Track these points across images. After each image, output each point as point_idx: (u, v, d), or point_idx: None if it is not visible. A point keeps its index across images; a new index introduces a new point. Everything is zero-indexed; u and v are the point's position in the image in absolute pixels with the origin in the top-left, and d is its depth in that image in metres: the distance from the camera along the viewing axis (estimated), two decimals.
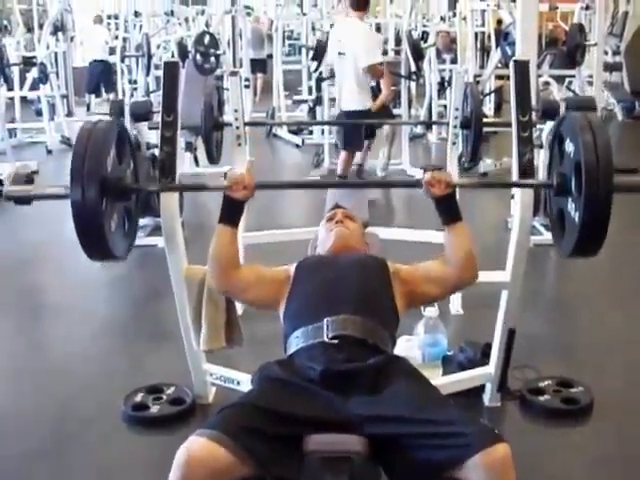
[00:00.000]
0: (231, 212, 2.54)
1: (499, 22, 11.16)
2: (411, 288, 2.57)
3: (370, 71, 6.69)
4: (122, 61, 11.87)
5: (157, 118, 3.04)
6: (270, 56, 13.01)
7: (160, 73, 3.23)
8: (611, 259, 5.29)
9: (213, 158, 4.44)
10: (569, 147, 2.38)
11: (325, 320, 2.31)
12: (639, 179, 2.41)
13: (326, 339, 2.28)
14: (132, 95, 11.45)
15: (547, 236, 5.58)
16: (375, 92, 7.97)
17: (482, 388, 3.37)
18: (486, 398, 3.35)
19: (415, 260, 2.69)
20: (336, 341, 2.27)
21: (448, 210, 2.52)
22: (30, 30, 12.20)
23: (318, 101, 9.24)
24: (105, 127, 2.41)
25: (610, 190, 2.23)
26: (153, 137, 5.65)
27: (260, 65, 14.12)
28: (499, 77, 11.14)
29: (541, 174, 5.57)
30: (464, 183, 2.59)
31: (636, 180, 2.40)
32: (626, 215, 5.75)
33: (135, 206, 2.64)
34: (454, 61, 10.90)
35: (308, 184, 2.79)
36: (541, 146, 5.57)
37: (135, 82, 11.93)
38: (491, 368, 3.29)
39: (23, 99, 11.07)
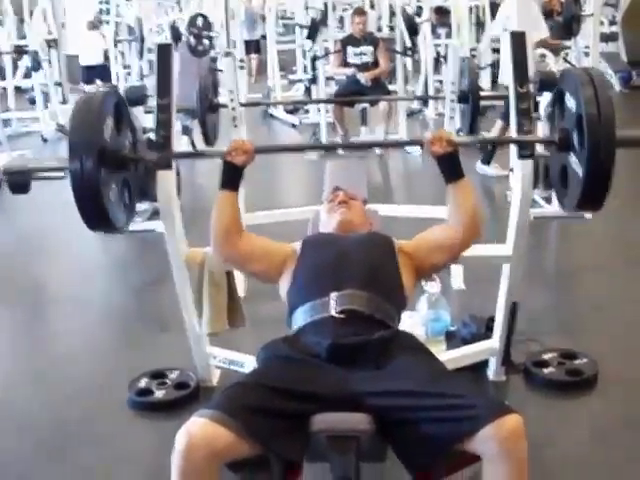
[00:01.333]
0: (231, 177, 2.56)
1: None
2: (417, 261, 2.56)
3: (541, 44, 6.57)
4: (115, 46, 11.80)
5: (152, 102, 3.02)
6: (264, 36, 12.94)
7: (153, 57, 3.21)
8: (612, 231, 5.30)
9: (209, 140, 4.42)
10: (570, 102, 2.37)
11: (332, 295, 2.31)
12: None
13: (333, 313, 2.27)
14: (126, 80, 11.40)
15: (547, 209, 5.59)
16: (368, 66, 7.97)
17: (486, 362, 3.37)
18: (490, 372, 3.35)
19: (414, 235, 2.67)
20: (343, 315, 2.26)
21: (451, 168, 2.52)
22: (21, 20, 12.11)
23: (314, 80, 9.19)
24: (102, 97, 2.40)
25: (613, 141, 2.23)
26: (149, 121, 5.62)
27: (254, 46, 14.06)
28: (495, 50, 11.09)
29: (539, 147, 5.57)
30: (465, 141, 2.61)
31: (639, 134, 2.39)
32: (626, 188, 5.75)
33: (134, 177, 2.63)
34: (449, 36, 10.84)
35: (309, 146, 2.79)
36: (539, 118, 5.54)
37: (128, 67, 11.86)
38: (495, 342, 3.29)
39: (17, 88, 11.01)
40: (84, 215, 2.36)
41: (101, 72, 12.32)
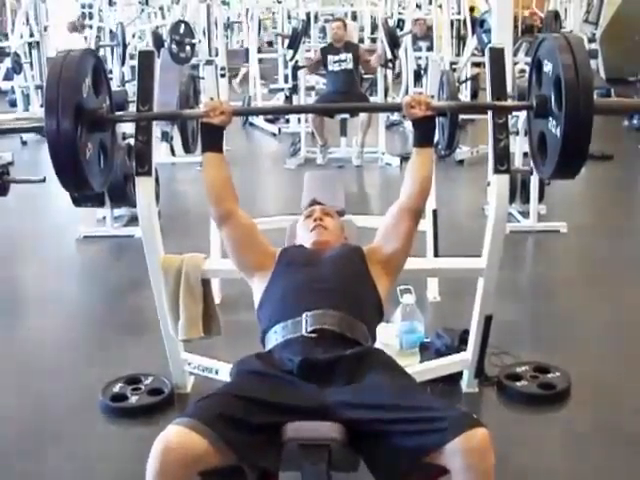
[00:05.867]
0: (211, 138, 2.58)
1: (472, 9, 11.16)
2: (383, 259, 2.60)
3: None
4: (97, 51, 11.75)
5: (133, 108, 3.03)
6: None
7: (135, 62, 3.22)
8: (586, 246, 5.35)
9: (189, 147, 4.41)
10: (548, 67, 2.38)
11: (304, 315, 2.33)
12: (618, 100, 2.42)
13: (305, 333, 2.29)
14: None
15: (524, 223, 5.64)
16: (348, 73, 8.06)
17: (460, 374, 3.39)
18: (464, 384, 3.37)
19: None
20: (315, 335, 2.28)
21: (425, 132, 2.61)
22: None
23: (294, 90, 9.20)
24: (80, 55, 2.39)
25: (591, 106, 2.23)
26: (129, 127, 5.62)
27: None
28: (475, 64, 11.17)
29: (517, 161, 5.63)
30: (442, 106, 2.73)
31: (615, 101, 2.41)
32: (601, 202, 5.79)
33: (111, 139, 2.63)
34: (430, 49, 10.90)
35: (288, 109, 2.83)
36: (517, 133, 5.59)
37: (110, 72, 11.83)
38: (468, 354, 3.31)
39: None
40: (60, 173, 2.33)
41: None
